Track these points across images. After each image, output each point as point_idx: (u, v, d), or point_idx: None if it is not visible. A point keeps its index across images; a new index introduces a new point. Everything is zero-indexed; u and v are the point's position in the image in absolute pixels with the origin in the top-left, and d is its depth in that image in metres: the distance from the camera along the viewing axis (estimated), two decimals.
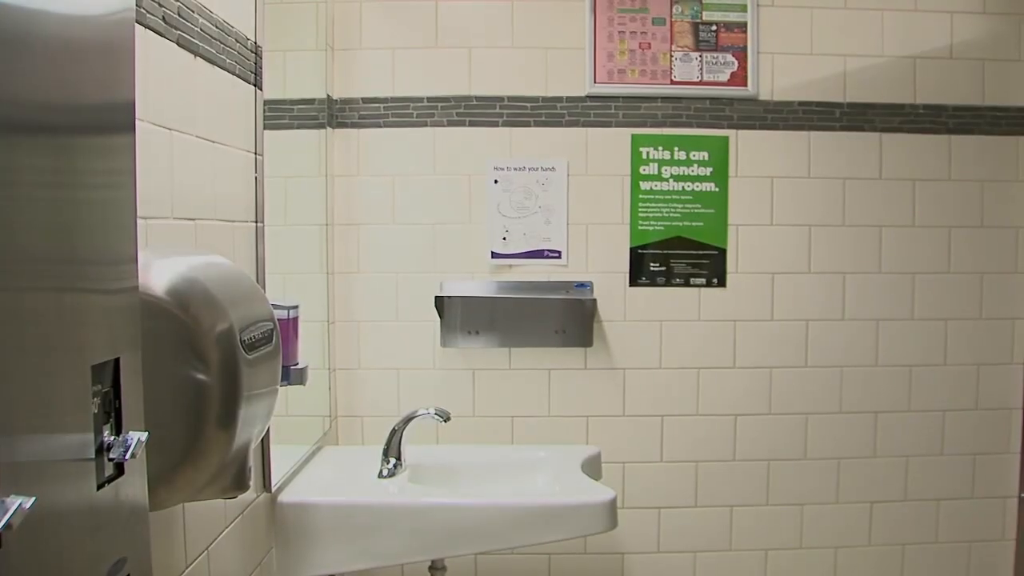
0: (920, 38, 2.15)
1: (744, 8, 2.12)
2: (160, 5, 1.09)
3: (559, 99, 2.10)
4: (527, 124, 2.10)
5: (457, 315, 2.05)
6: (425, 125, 2.10)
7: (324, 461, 1.88)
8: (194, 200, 1.24)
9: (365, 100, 2.10)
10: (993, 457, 2.21)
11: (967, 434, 2.20)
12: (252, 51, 1.47)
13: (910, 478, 2.20)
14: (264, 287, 1.52)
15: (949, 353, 2.18)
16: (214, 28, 1.29)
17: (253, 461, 1.07)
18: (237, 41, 1.40)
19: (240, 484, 1.02)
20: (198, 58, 1.24)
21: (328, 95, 2.05)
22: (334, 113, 2.09)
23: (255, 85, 1.49)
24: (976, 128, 2.16)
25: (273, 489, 1.58)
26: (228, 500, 1.21)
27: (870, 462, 2.18)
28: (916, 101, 2.15)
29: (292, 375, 1.51)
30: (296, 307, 1.55)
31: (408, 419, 1.83)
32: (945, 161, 2.16)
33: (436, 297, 2.05)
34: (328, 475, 1.82)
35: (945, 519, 2.21)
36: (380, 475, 1.79)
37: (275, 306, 1.38)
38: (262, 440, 1.50)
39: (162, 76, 1.12)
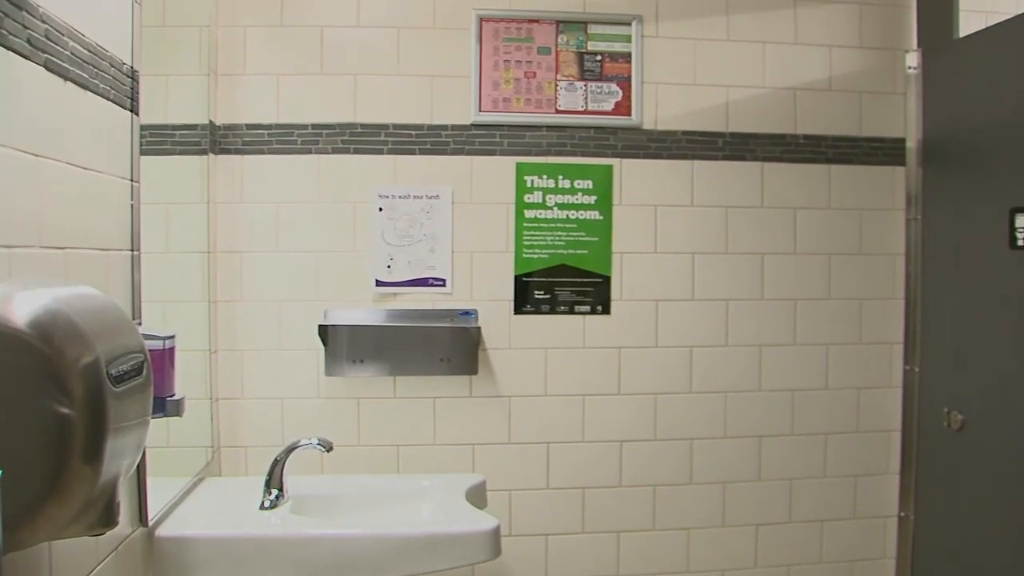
0: (800, 70, 2.39)
1: (629, 39, 2.33)
2: (24, 27, 1.14)
3: (444, 127, 2.28)
4: (412, 152, 2.27)
5: (341, 344, 2.22)
6: (310, 152, 2.25)
7: (205, 493, 1.95)
8: (64, 228, 1.29)
9: (249, 126, 2.24)
10: (874, 478, 2.45)
11: (849, 456, 2.44)
12: (128, 76, 1.55)
13: (794, 500, 2.43)
14: (140, 316, 1.62)
15: (830, 377, 2.41)
16: (86, 52, 1.35)
17: (124, 495, 1.13)
18: (112, 65, 1.46)
19: (108, 520, 1.05)
20: (68, 82, 1.29)
21: (211, 120, 2.19)
22: (217, 139, 2.23)
23: (131, 110, 1.57)
24: (854, 158, 2.40)
25: (150, 523, 1.66)
26: (98, 537, 1.25)
27: (755, 485, 2.40)
28: (796, 131, 2.38)
29: (168, 406, 1.58)
30: (172, 337, 1.61)
31: (290, 449, 1.95)
32: (825, 190, 2.40)
33: (320, 326, 2.20)
34: (209, 507, 1.92)
35: (829, 539, 2.45)
36: (262, 507, 1.89)
37: (150, 336, 1.48)
38: (137, 473, 1.60)
39: (28, 100, 1.17)
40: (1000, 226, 2.05)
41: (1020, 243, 2.00)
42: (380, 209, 2.24)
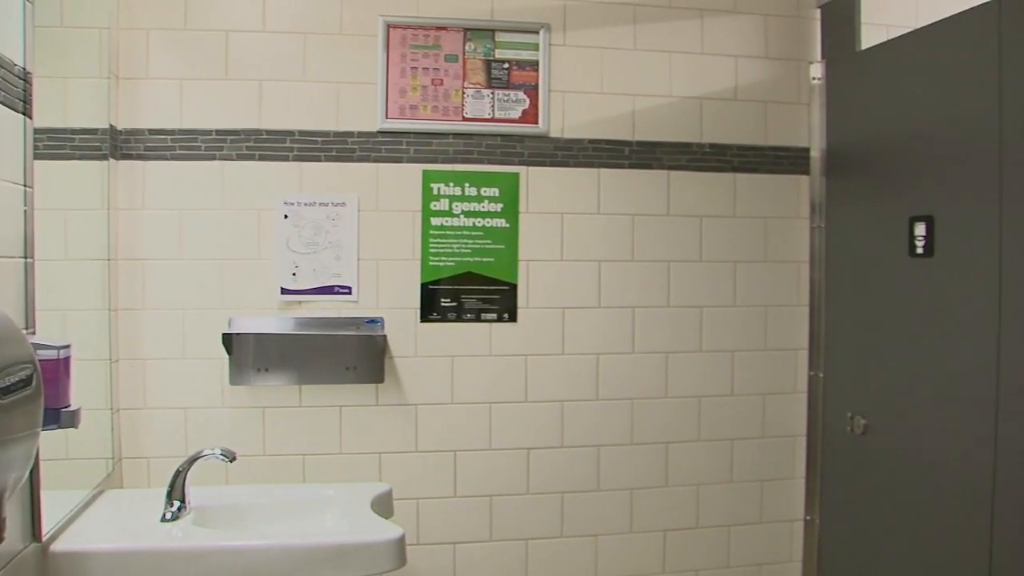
0: (706, 80, 2.73)
1: (536, 47, 2.65)
2: None
3: (350, 134, 2.57)
4: (318, 159, 2.56)
5: (246, 352, 2.49)
6: (214, 158, 2.52)
7: (104, 506, 2.08)
8: None
9: (151, 131, 2.50)
10: (780, 483, 2.81)
11: (755, 461, 2.79)
12: (20, 77, 1.65)
13: (701, 506, 2.77)
14: (34, 326, 1.77)
15: (736, 383, 2.76)
16: None
17: (15, 510, 1.21)
18: (1, 66, 1.49)
19: None
20: None
21: (112, 125, 2.42)
22: (118, 144, 2.47)
23: (23, 113, 1.68)
24: (759, 167, 2.75)
25: (44, 538, 1.69)
26: None
27: (662, 491, 2.74)
28: (703, 140, 2.72)
29: (63, 417, 1.68)
30: (68, 347, 1.72)
31: (193, 460, 2.16)
32: (730, 198, 2.75)
33: (224, 334, 2.47)
34: (107, 520, 1.98)
35: (736, 544, 2.79)
36: (163, 519, 1.99)
37: (43, 346, 1.62)
38: (30, 486, 1.74)
39: None
40: (900, 234, 2.37)
41: (919, 251, 2.32)
42: (285, 216, 2.52)
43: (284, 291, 2.50)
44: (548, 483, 2.63)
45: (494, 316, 2.57)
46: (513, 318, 2.59)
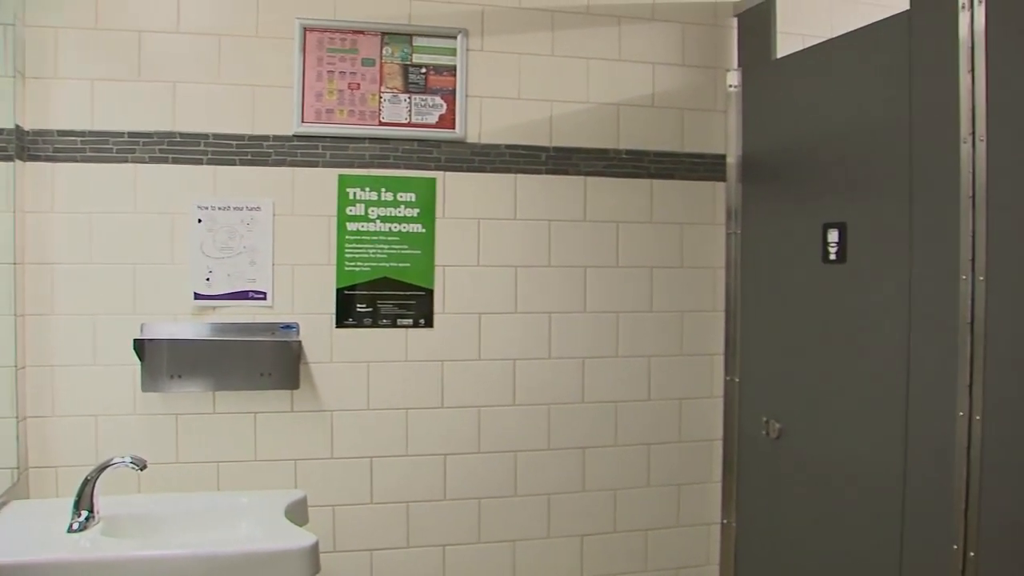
0: (624, 87, 3.05)
1: (453, 52, 2.96)
2: None
3: (266, 138, 2.83)
4: (233, 163, 2.81)
5: (159, 359, 2.73)
6: (126, 161, 2.74)
7: (9, 517, 2.20)
8: None
9: (60, 133, 2.72)
10: (697, 487, 3.15)
11: (672, 466, 3.12)
12: None
13: (619, 510, 3.09)
14: None
15: (653, 388, 3.10)
16: None
17: None
18: None
19: None
20: None
21: (18, 125, 2.58)
22: (25, 145, 2.66)
23: None
24: (676, 173, 3.09)
25: None
26: None
27: (580, 496, 3.06)
28: (619, 146, 3.05)
29: None
30: None
31: (102, 468, 2.32)
32: (647, 204, 3.08)
33: (135, 340, 2.71)
34: (11, 532, 2.08)
35: (654, 548, 3.12)
36: (70, 529, 2.11)
37: None
38: None
39: None
40: (813, 240, 2.67)
41: (832, 257, 2.62)
42: (199, 221, 2.78)
43: (198, 296, 2.75)
44: (465, 489, 2.92)
45: (410, 322, 2.87)
46: (429, 323, 2.88)
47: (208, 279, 2.73)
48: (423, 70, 2.86)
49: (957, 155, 2.00)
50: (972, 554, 1.95)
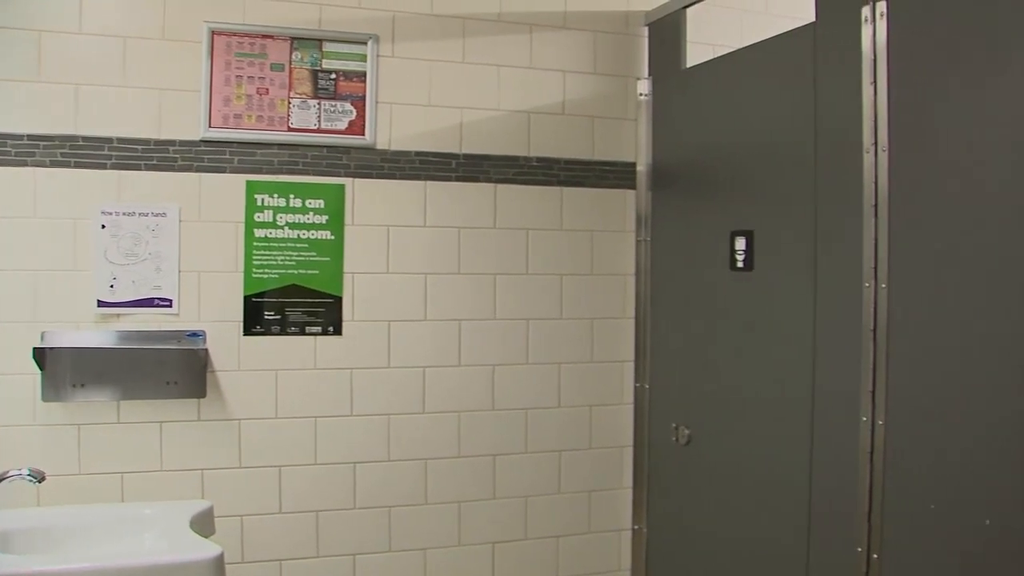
0: (535, 94, 3.39)
1: (364, 58, 3.31)
2: None
3: (172, 142, 3.08)
4: (138, 167, 3.07)
5: (61, 367, 2.98)
6: (25, 164, 2.89)
7: None
8: None
9: None
10: (607, 493, 3.51)
11: (583, 472, 3.48)
12: None
13: (530, 517, 3.44)
14: None
15: (563, 395, 3.46)
16: None
17: None
18: None
19: None
20: None
21: None
22: None
23: None
24: (586, 181, 3.47)
25: None
26: None
27: (490, 504, 3.40)
28: (530, 154, 3.42)
29: None
30: None
31: None
32: (557, 212, 3.46)
33: (35, 348, 2.94)
34: None
35: (565, 555, 3.47)
36: None
37: None
38: None
39: None
40: (722, 248, 2.96)
41: (739, 264, 2.89)
42: (103, 226, 3.04)
43: (101, 304, 3.01)
44: (375, 497, 3.24)
45: (319, 329, 3.20)
46: (338, 331, 3.22)
47: (112, 286, 3.00)
48: (333, 76, 3.19)
49: (860, 165, 2.19)
50: (875, 556, 2.13)
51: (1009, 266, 1.95)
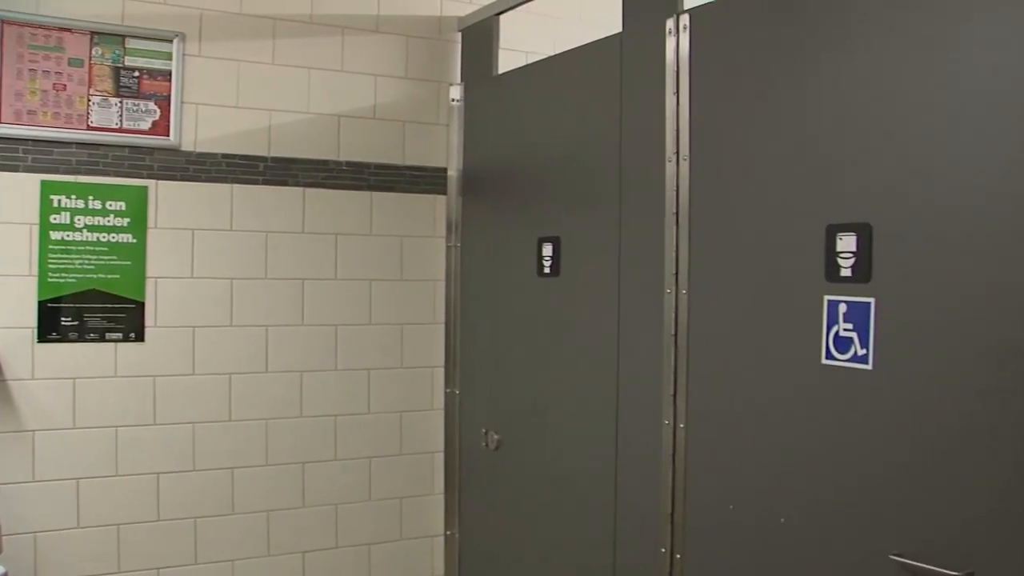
0: (345, 98, 3.50)
1: (169, 56, 3.33)
2: None
3: None
4: None
5: None
6: None
7: None
8: None
9: None
10: (419, 499, 3.63)
11: (394, 479, 3.58)
12: None
13: (341, 525, 3.53)
14: None
15: (373, 401, 3.57)
16: None
17: None
18: None
19: None
20: None
21: None
22: None
23: None
24: (397, 186, 3.60)
25: None
26: None
27: (300, 512, 3.48)
28: (340, 158, 3.52)
29: None
30: None
31: None
32: (367, 216, 3.57)
33: None
34: None
35: (377, 562, 3.57)
36: None
37: None
38: None
39: None
40: (529, 254, 3.09)
41: (546, 271, 3.04)
42: None
43: None
44: (180, 508, 3.24)
45: (120, 335, 3.21)
46: (140, 337, 3.23)
47: None
48: (136, 74, 3.20)
49: (663, 173, 2.30)
50: (678, 556, 2.24)
51: (800, 269, 2.07)
